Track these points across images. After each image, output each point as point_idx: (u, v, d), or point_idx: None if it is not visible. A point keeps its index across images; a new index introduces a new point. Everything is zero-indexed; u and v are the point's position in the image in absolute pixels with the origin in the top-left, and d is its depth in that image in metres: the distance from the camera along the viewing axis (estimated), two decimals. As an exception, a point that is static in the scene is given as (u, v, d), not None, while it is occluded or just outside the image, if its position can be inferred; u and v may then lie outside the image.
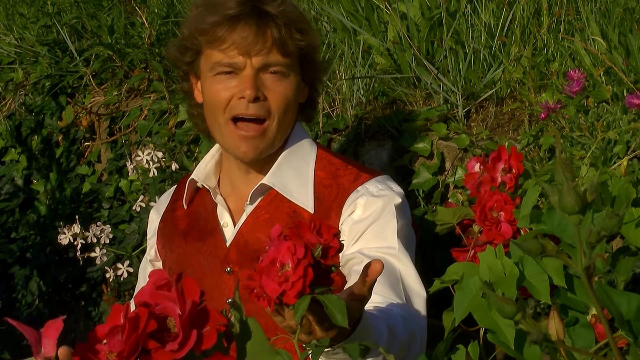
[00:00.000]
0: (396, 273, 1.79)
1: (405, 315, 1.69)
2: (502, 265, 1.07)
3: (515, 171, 1.34)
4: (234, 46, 1.83)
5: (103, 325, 0.89)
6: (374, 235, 1.84)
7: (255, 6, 1.84)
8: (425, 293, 1.80)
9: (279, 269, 1.15)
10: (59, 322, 0.89)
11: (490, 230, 1.29)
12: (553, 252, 0.93)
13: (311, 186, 1.90)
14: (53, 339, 0.88)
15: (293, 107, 1.90)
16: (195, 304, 0.90)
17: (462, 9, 2.80)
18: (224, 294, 1.89)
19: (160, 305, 0.89)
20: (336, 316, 1.14)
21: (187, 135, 2.99)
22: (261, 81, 1.85)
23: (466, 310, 1.05)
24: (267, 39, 1.83)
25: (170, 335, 0.89)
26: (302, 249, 1.14)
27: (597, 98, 2.30)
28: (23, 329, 0.89)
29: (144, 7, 3.47)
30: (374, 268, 1.32)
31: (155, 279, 0.91)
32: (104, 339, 0.88)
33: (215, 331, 0.92)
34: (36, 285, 3.25)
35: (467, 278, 1.06)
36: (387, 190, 1.88)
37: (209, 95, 1.88)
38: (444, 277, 1.13)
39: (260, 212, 1.91)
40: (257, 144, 1.86)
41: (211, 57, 1.86)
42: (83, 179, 3.33)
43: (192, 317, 0.90)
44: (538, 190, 1.15)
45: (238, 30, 1.83)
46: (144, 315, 0.87)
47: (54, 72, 3.45)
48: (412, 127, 2.53)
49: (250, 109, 1.84)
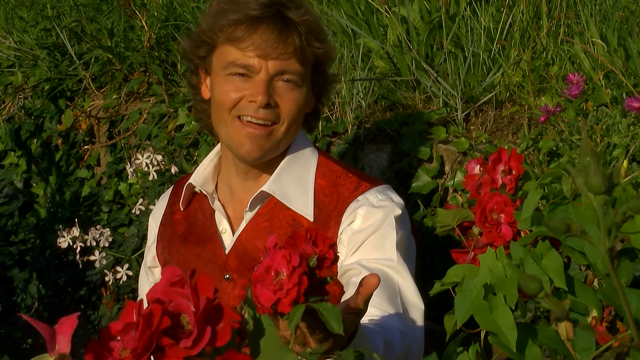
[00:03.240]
0: (394, 285, 1.78)
1: (402, 329, 1.68)
2: (503, 267, 1.07)
3: (516, 173, 1.34)
4: (254, 47, 1.80)
5: (116, 322, 0.89)
6: (373, 246, 1.83)
7: (279, 11, 1.81)
8: (423, 306, 1.79)
9: (274, 277, 1.15)
10: (73, 319, 0.89)
11: (490, 232, 1.29)
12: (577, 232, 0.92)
13: (311, 194, 1.89)
14: (68, 336, 0.88)
15: (301, 115, 1.88)
16: (209, 301, 0.90)
17: (462, 12, 2.80)
18: (223, 300, 1.88)
19: (174, 302, 0.89)
20: (332, 324, 1.14)
21: (187, 138, 2.99)
22: (273, 87, 1.82)
23: (467, 313, 1.04)
24: (289, 45, 1.81)
25: (184, 332, 0.88)
26: (297, 257, 1.14)
27: (596, 101, 2.30)
28: (38, 325, 0.88)
29: (143, 11, 3.48)
30: (370, 282, 1.31)
31: (168, 275, 0.91)
32: (117, 336, 0.88)
33: (229, 328, 0.91)
34: (35, 289, 3.24)
35: (467, 280, 1.06)
36: (387, 201, 1.87)
37: (218, 94, 1.87)
38: (444, 279, 1.13)
39: (259, 219, 1.90)
40: (262, 144, 1.84)
41: (227, 55, 1.84)
42: (82, 183, 3.33)
43: (206, 314, 0.89)
44: (539, 193, 1.15)
45: (259, 32, 1.80)
46: (158, 312, 0.86)
47: (54, 76, 3.45)
48: (411, 131, 2.53)
49: (260, 113, 1.82)
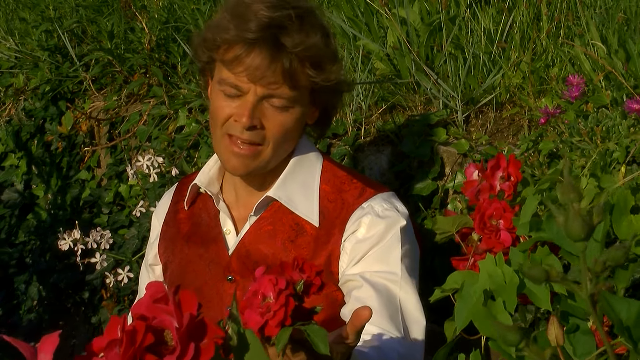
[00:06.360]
0: (395, 301, 1.78)
1: (400, 351, 1.68)
2: (502, 273, 1.07)
3: (514, 179, 1.34)
4: (245, 72, 1.79)
5: (100, 337, 0.89)
6: (377, 258, 1.82)
7: (274, 35, 1.78)
8: (424, 321, 1.79)
9: (261, 301, 1.18)
10: (54, 337, 0.88)
11: (489, 238, 1.29)
12: (557, 278, 0.93)
13: (316, 200, 1.88)
14: (49, 354, 0.88)
15: (293, 134, 1.87)
16: (192, 317, 0.90)
17: (462, 14, 2.80)
18: (224, 301, 1.89)
19: (157, 319, 0.89)
20: (318, 345, 1.16)
21: (187, 140, 2.99)
22: (261, 109, 1.81)
23: (467, 319, 1.04)
24: (278, 72, 1.78)
25: (168, 349, 0.88)
26: (284, 281, 1.18)
27: (596, 103, 2.30)
28: (18, 344, 0.88)
29: (144, 13, 3.48)
30: (362, 315, 1.31)
31: (152, 292, 0.91)
32: (100, 352, 0.88)
33: (212, 344, 0.91)
34: (36, 290, 3.25)
35: (467, 286, 1.06)
36: (392, 210, 1.86)
37: (213, 107, 1.87)
38: (444, 286, 1.13)
39: (263, 223, 1.90)
40: (247, 163, 1.84)
41: (221, 72, 1.84)
42: (83, 184, 3.33)
43: (190, 330, 0.89)
44: (538, 199, 1.15)
45: (252, 56, 1.78)
46: (142, 329, 0.86)
47: (54, 78, 3.45)
48: (411, 132, 2.53)
49: (245, 134, 1.81)
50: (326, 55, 1.85)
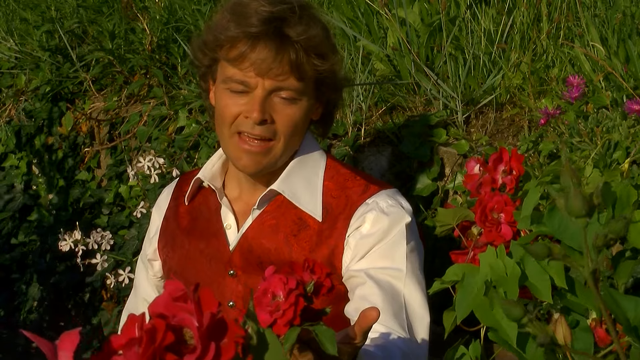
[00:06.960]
0: (400, 298, 1.78)
1: (404, 350, 1.67)
2: (503, 265, 1.07)
3: (516, 173, 1.34)
4: (251, 66, 1.79)
5: (118, 335, 0.87)
6: (381, 254, 1.82)
7: (277, 27, 1.80)
8: (429, 318, 1.79)
9: (270, 299, 1.19)
10: (75, 334, 0.86)
11: (490, 231, 1.29)
12: (559, 255, 0.93)
13: (320, 196, 1.89)
14: (70, 352, 0.86)
15: (301, 128, 1.88)
16: (213, 316, 0.89)
17: (462, 15, 2.81)
18: (226, 297, 1.89)
19: (177, 317, 0.88)
20: (326, 345, 1.16)
21: (187, 141, 2.99)
22: (271, 103, 1.82)
23: (468, 309, 1.04)
24: (285, 63, 1.79)
25: (188, 348, 0.87)
26: (294, 281, 1.18)
27: (596, 104, 2.30)
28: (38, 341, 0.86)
29: (144, 13, 3.48)
30: (369, 315, 1.31)
31: (171, 290, 0.89)
32: (119, 350, 0.86)
33: (233, 343, 0.90)
34: (37, 291, 3.25)
35: (468, 277, 1.06)
36: (397, 207, 1.87)
37: (219, 106, 1.88)
38: (444, 277, 1.13)
39: (266, 217, 1.90)
40: (259, 160, 1.85)
41: (226, 70, 1.84)
42: (83, 185, 3.33)
43: (210, 329, 0.88)
44: (539, 192, 1.15)
45: (257, 50, 1.79)
46: (162, 328, 0.85)
47: (55, 78, 3.45)
48: (411, 133, 2.53)
49: (256, 129, 1.82)
50: (328, 43, 1.88)
